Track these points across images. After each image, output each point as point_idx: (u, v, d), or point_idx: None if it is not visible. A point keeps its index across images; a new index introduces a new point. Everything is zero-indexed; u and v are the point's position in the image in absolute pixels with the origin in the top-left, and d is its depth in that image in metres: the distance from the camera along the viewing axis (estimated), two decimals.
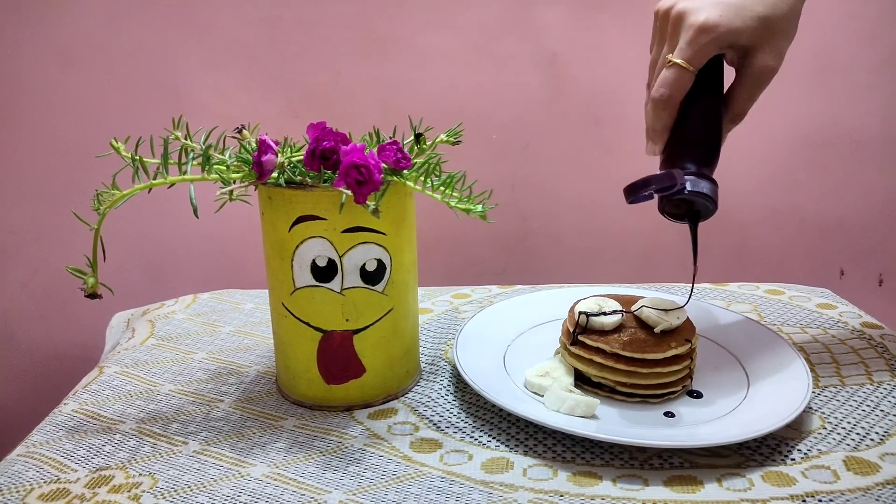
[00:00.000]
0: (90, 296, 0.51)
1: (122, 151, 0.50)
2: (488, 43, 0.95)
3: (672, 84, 0.52)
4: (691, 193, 0.50)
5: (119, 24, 0.94)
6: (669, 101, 0.53)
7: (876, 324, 0.69)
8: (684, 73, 0.52)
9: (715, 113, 0.54)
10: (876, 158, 1.02)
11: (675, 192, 0.50)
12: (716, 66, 0.54)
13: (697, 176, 0.51)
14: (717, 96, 0.54)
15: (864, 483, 0.45)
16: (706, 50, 0.51)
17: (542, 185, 1.01)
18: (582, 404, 0.51)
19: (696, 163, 0.52)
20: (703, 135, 0.54)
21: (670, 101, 0.53)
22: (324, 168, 0.48)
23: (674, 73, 0.52)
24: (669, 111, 0.53)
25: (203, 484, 0.46)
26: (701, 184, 0.51)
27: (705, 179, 0.51)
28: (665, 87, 0.52)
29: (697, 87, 0.53)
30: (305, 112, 0.97)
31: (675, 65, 0.52)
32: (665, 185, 0.49)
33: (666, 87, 0.52)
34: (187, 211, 0.47)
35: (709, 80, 0.54)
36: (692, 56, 0.51)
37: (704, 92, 0.53)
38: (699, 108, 0.54)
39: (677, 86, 0.52)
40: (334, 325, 0.53)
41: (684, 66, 0.51)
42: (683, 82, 0.52)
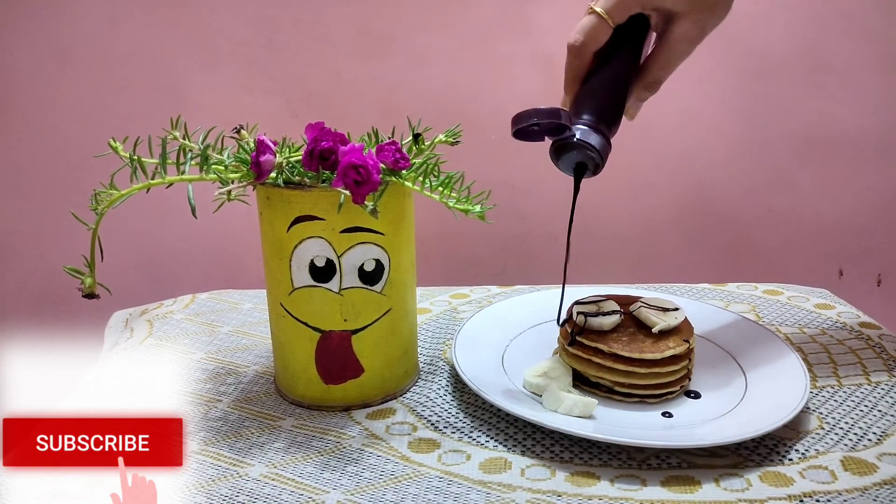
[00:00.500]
0: (87, 296, 0.51)
1: (120, 151, 0.50)
2: (487, 43, 0.95)
3: (586, 31, 0.51)
4: (579, 140, 0.50)
5: (118, 23, 0.94)
6: (582, 48, 0.52)
7: (874, 324, 0.69)
8: (601, 23, 0.51)
9: (625, 73, 0.54)
10: (874, 159, 1.02)
11: (564, 137, 0.50)
12: (638, 28, 0.53)
13: (591, 128, 0.51)
14: (632, 58, 0.54)
15: (861, 483, 0.45)
16: (626, 5, 0.51)
17: (541, 185, 1.01)
18: (580, 404, 0.51)
19: (595, 116, 0.52)
20: (607, 91, 0.53)
21: (582, 48, 0.52)
22: (322, 168, 0.48)
23: (590, 21, 0.51)
24: (580, 59, 0.53)
25: (201, 484, 0.46)
26: (591, 136, 0.50)
27: (598, 133, 0.51)
28: (580, 33, 0.52)
29: (615, 44, 0.52)
30: (304, 112, 0.97)
31: (594, 12, 0.51)
32: (550, 122, 0.49)
33: (581, 33, 0.52)
34: (186, 211, 0.47)
35: (628, 41, 0.53)
36: (612, 8, 0.51)
37: (620, 51, 0.53)
38: (611, 65, 0.53)
39: (591, 34, 0.51)
40: (332, 326, 0.53)
41: (603, 16, 0.51)
42: (598, 32, 0.51)
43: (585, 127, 0.51)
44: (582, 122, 0.51)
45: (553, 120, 0.49)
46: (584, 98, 0.53)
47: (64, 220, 0.97)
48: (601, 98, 0.53)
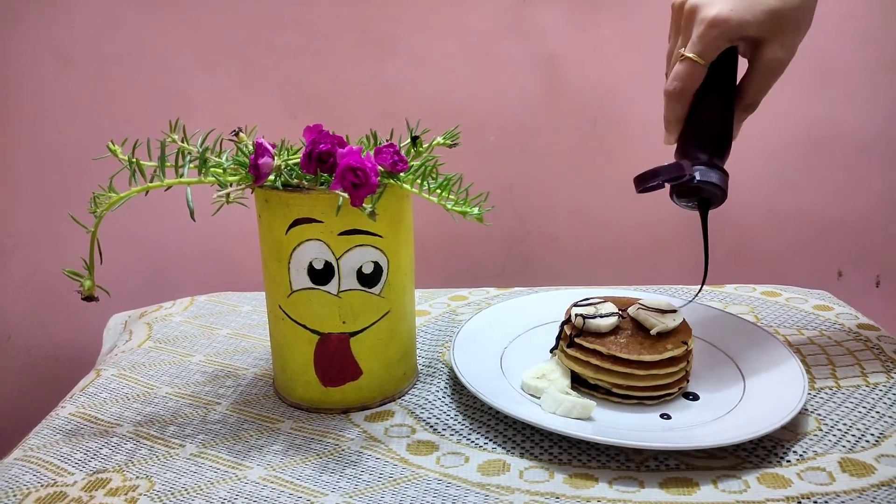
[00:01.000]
0: (87, 298, 0.51)
1: (118, 154, 0.50)
2: (486, 45, 0.96)
3: (684, 77, 0.54)
4: (700, 182, 0.52)
5: (117, 25, 0.94)
6: (682, 93, 0.54)
7: (872, 325, 0.69)
8: (696, 66, 0.53)
9: (726, 105, 0.56)
10: (874, 160, 1.02)
11: (685, 181, 0.52)
12: (729, 58, 0.55)
13: (707, 166, 0.53)
14: (729, 88, 0.56)
15: (859, 485, 0.45)
16: (716, 43, 0.53)
17: (540, 186, 1.02)
18: (578, 406, 0.51)
19: (707, 153, 0.54)
20: (714, 126, 0.55)
21: (683, 93, 0.54)
22: (320, 171, 0.48)
23: (686, 67, 0.54)
24: (682, 103, 0.55)
25: (200, 487, 0.46)
26: (710, 174, 0.53)
27: (715, 169, 0.53)
28: (678, 80, 0.54)
29: (710, 79, 0.54)
30: (303, 114, 0.98)
31: (686, 59, 0.54)
32: (674, 176, 0.51)
33: (678, 80, 0.54)
34: (185, 213, 0.47)
35: (721, 72, 0.55)
36: (703, 50, 0.53)
37: (717, 84, 0.55)
38: (711, 99, 0.55)
39: (689, 79, 0.54)
40: (331, 328, 0.53)
41: (696, 59, 0.53)
42: (695, 76, 0.54)
43: (704, 168, 0.53)
44: (699, 164, 0.53)
45: (678, 174, 0.51)
46: (691, 138, 0.56)
47: (63, 222, 0.97)
48: (710, 134, 0.55)
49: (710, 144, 0.55)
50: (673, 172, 0.51)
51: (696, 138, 0.55)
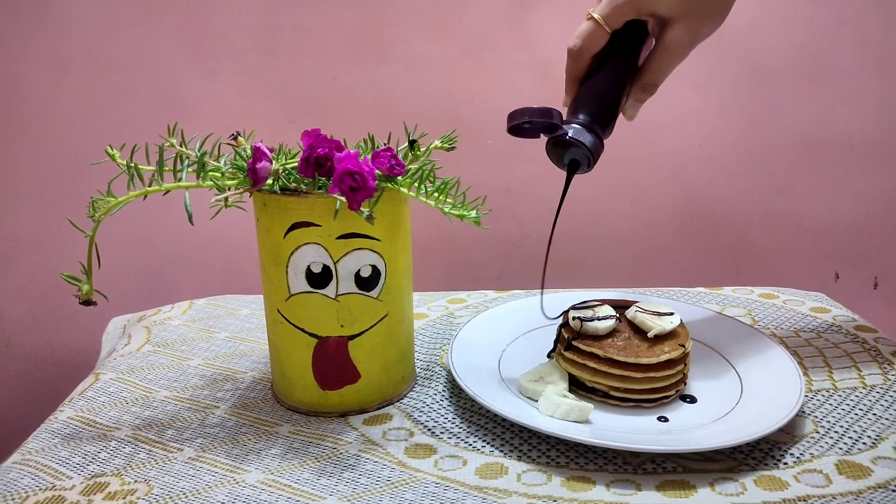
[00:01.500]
0: (84, 302, 0.51)
1: (117, 159, 0.50)
2: (483, 49, 0.96)
3: (584, 37, 0.54)
4: (570, 139, 0.53)
5: (116, 30, 0.94)
6: (580, 53, 0.55)
7: (869, 327, 0.70)
8: (598, 29, 0.54)
9: (620, 76, 0.56)
10: (870, 162, 1.02)
11: (558, 134, 0.52)
12: (636, 32, 0.55)
13: (585, 127, 0.53)
14: (629, 62, 0.56)
15: (855, 487, 0.45)
16: (621, 11, 0.53)
17: (538, 189, 1.02)
18: (576, 409, 0.52)
19: (588, 115, 0.54)
20: (603, 93, 0.56)
21: (580, 53, 0.55)
22: (318, 175, 0.48)
23: (588, 27, 0.54)
24: (578, 62, 0.55)
25: (198, 490, 0.46)
26: (585, 135, 0.53)
27: (591, 133, 0.53)
28: (578, 37, 0.54)
29: (612, 49, 0.55)
30: (302, 117, 0.98)
31: (591, 18, 0.54)
32: (543, 120, 0.51)
33: (579, 38, 0.54)
34: (183, 217, 0.48)
35: (625, 44, 0.55)
36: (609, 14, 0.53)
37: (617, 55, 0.56)
38: (608, 68, 0.56)
39: (588, 39, 0.54)
40: (329, 331, 0.53)
41: (600, 22, 0.53)
42: (595, 38, 0.54)
43: (579, 126, 0.53)
44: (577, 122, 0.54)
45: (545, 119, 0.52)
46: (580, 99, 0.56)
47: (62, 226, 0.97)
48: (596, 99, 0.55)
49: (594, 109, 0.55)
50: (541, 116, 0.51)
51: (584, 100, 0.56)
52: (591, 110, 0.55)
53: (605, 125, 0.55)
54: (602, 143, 0.54)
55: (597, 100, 0.55)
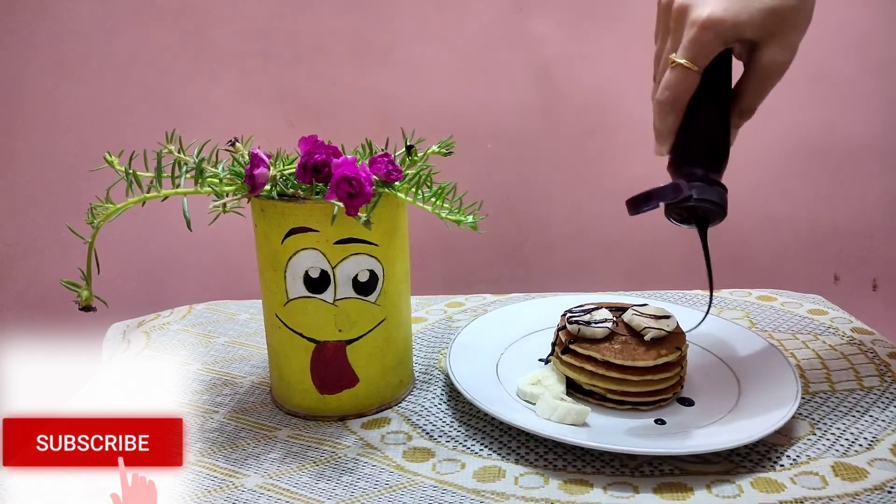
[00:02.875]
0: (84, 308, 0.51)
1: (115, 165, 0.50)
2: (481, 54, 0.96)
3: (676, 86, 0.50)
4: (698, 201, 0.49)
5: (115, 36, 0.94)
6: (674, 103, 0.50)
7: (867, 329, 0.70)
8: (688, 73, 0.49)
9: (722, 113, 0.52)
10: (869, 165, 1.02)
11: (681, 200, 0.49)
12: (723, 62, 0.51)
13: (704, 181, 0.49)
14: (724, 94, 0.52)
15: (852, 489, 0.45)
16: (711, 47, 0.48)
17: (537, 194, 1.02)
18: (573, 412, 0.52)
19: (703, 167, 0.50)
20: (710, 137, 0.51)
21: (675, 103, 0.50)
22: (316, 181, 0.49)
23: (677, 75, 0.49)
24: (675, 113, 0.51)
25: (197, 495, 0.47)
26: (708, 190, 0.49)
27: (713, 184, 0.50)
28: (669, 89, 0.50)
29: (704, 86, 0.50)
30: (300, 122, 0.98)
31: (678, 65, 0.49)
32: (672, 197, 0.48)
33: (670, 89, 0.50)
34: (181, 223, 0.48)
35: (716, 78, 0.51)
36: (696, 55, 0.48)
37: (711, 90, 0.51)
38: (706, 108, 0.51)
39: (682, 87, 0.50)
40: (327, 336, 0.54)
41: (688, 66, 0.49)
42: (688, 83, 0.49)
43: (700, 183, 0.49)
44: (696, 179, 0.49)
45: (676, 195, 0.48)
46: (687, 150, 0.52)
47: (61, 232, 0.97)
48: (705, 146, 0.51)
49: (707, 158, 0.51)
50: (669, 195, 0.48)
51: (691, 151, 0.51)
52: (705, 160, 0.50)
53: (721, 169, 0.51)
54: (725, 188, 0.50)
55: (706, 146, 0.51)
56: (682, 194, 0.48)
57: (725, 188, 0.50)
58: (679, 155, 0.52)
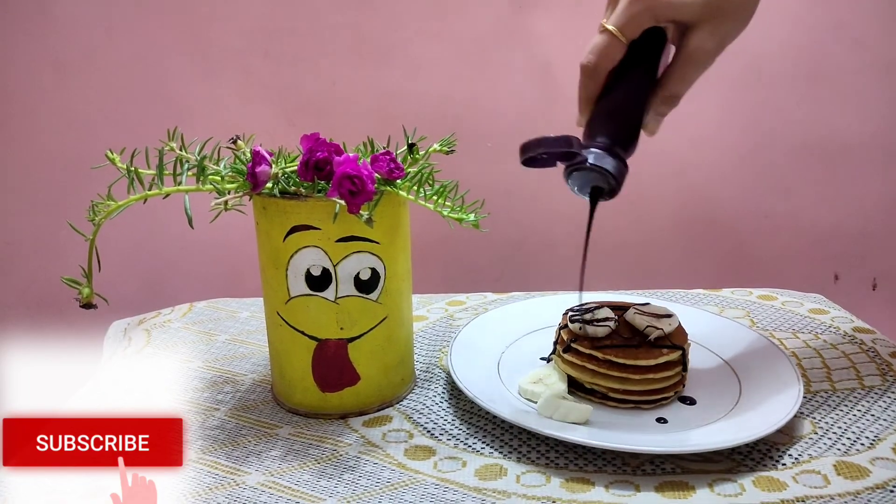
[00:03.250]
0: (85, 306, 0.51)
1: (117, 163, 0.50)
2: (483, 51, 0.96)
3: (599, 51, 0.49)
4: (591, 165, 0.48)
5: (114, 34, 0.94)
6: (595, 69, 0.50)
7: (868, 328, 0.70)
8: (614, 41, 0.49)
9: (641, 91, 0.51)
10: (869, 164, 1.02)
11: (577, 162, 0.48)
12: (655, 41, 0.51)
13: (606, 150, 0.49)
14: (648, 73, 0.51)
15: (854, 487, 0.45)
16: (640, 20, 0.48)
17: (538, 192, 1.02)
18: (575, 411, 0.52)
19: (608, 137, 0.49)
20: (622, 110, 0.51)
21: (596, 69, 0.50)
22: (317, 178, 0.48)
23: (603, 40, 0.49)
24: (594, 80, 0.50)
25: (198, 492, 0.47)
26: (606, 159, 0.48)
27: (613, 156, 0.49)
28: (592, 53, 0.49)
29: (630, 60, 0.50)
30: (301, 121, 0.98)
31: (606, 31, 0.49)
32: (560, 149, 0.47)
33: (593, 54, 0.49)
34: (183, 221, 0.48)
35: (643, 55, 0.51)
36: (625, 24, 0.48)
37: (635, 67, 0.50)
38: (626, 82, 0.51)
39: (604, 54, 0.49)
40: (329, 334, 0.54)
41: (615, 33, 0.48)
42: (611, 51, 0.49)
43: (599, 150, 0.48)
44: (596, 145, 0.49)
45: (563, 147, 0.47)
46: (598, 119, 0.51)
47: (61, 230, 0.97)
48: (616, 118, 0.51)
49: (615, 129, 0.50)
50: (558, 145, 0.47)
51: (602, 120, 0.51)
52: (611, 131, 0.50)
53: (626, 145, 0.50)
54: (626, 164, 0.49)
55: (616, 119, 0.51)
56: (570, 146, 0.47)
57: (626, 165, 0.49)
58: (591, 123, 0.52)
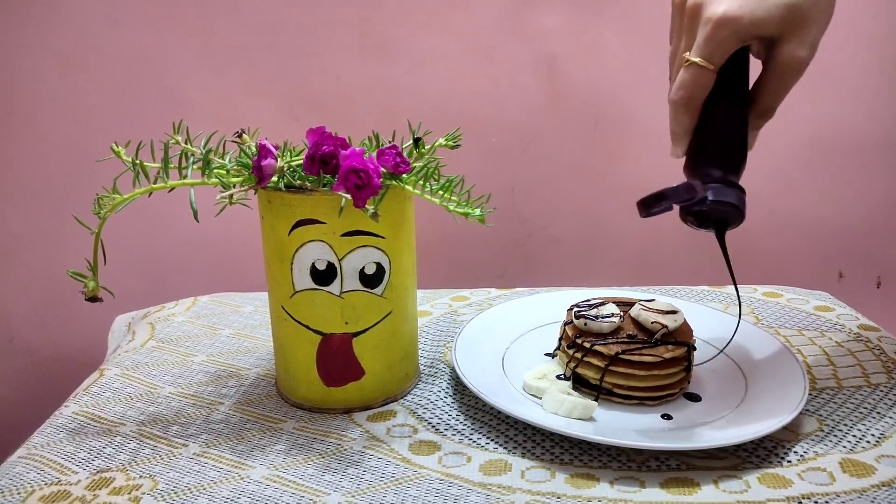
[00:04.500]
0: (90, 299, 0.51)
1: (122, 156, 0.50)
2: (487, 46, 0.96)
3: (691, 85, 0.48)
4: (714, 202, 0.47)
5: (119, 27, 0.94)
6: (689, 103, 0.49)
7: (873, 326, 0.69)
8: (703, 72, 0.48)
9: (740, 113, 0.50)
10: (875, 161, 1.02)
11: (696, 202, 0.47)
12: (740, 60, 0.50)
13: (721, 182, 0.48)
14: (742, 94, 0.50)
15: (859, 485, 0.45)
16: (727, 45, 0.47)
17: (542, 188, 1.02)
18: (580, 406, 0.52)
19: (720, 168, 0.49)
20: (727, 138, 0.50)
21: (690, 103, 0.49)
22: (323, 172, 0.48)
23: (692, 74, 0.48)
24: (690, 114, 0.49)
25: (203, 486, 0.47)
26: (725, 192, 0.48)
27: (730, 186, 0.48)
28: (684, 89, 0.49)
29: (720, 85, 0.49)
30: (305, 116, 0.98)
31: (693, 64, 0.48)
32: (686, 200, 0.46)
33: (685, 88, 0.49)
34: (187, 214, 0.48)
35: (732, 77, 0.49)
36: (712, 53, 0.47)
37: (728, 90, 0.49)
38: (722, 108, 0.50)
39: (697, 87, 0.48)
40: (334, 328, 0.54)
41: (703, 65, 0.47)
42: (703, 83, 0.48)
43: (717, 185, 0.48)
44: (713, 181, 0.48)
45: (689, 197, 0.46)
46: (702, 151, 0.50)
47: (65, 224, 0.98)
48: (722, 147, 0.50)
49: (724, 159, 0.49)
50: (684, 195, 0.46)
51: (708, 152, 0.50)
52: (722, 161, 0.49)
53: (739, 170, 0.49)
54: (743, 190, 0.49)
55: (724, 147, 0.49)
56: (696, 195, 0.46)
57: (743, 190, 0.49)
58: (695, 156, 0.51)
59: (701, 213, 0.49)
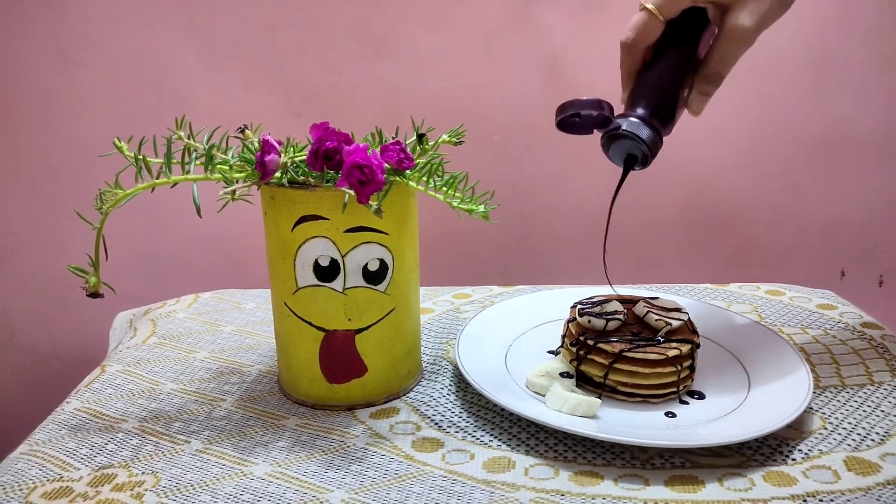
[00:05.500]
0: (92, 295, 0.51)
1: (125, 151, 0.50)
2: (489, 43, 0.96)
3: (638, 28, 0.52)
4: (625, 132, 0.50)
5: (120, 24, 0.94)
6: (633, 45, 0.52)
7: (877, 324, 0.69)
8: (652, 19, 0.51)
9: (678, 67, 0.53)
10: (877, 160, 1.02)
11: (611, 129, 0.50)
12: (694, 21, 0.53)
13: (642, 120, 0.51)
14: (687, 52, 0.53)
15: (864, 483, 0.45)
16: (679, 1, 0.50)
17: (544, 185, 1.02)
18: (583, 404, 0.51)
19: (645, 108, 0.52)
20: (659, 85, 0.53)
21: (634, 45, 0.52)
22: (327, 168, 0.48)
23: (641, 18, 0.52)
24: (632, 56, 0.53)
25: (205, 482, 0.46)
26: (641, 128, 0.50)
27: (649, 127, 0.51)
28: (631, 30, 0.52)
29: (669, 39, 0.52)
30: (307, 112, 0.98)
31: (644, 9, 0.51)
32: (592, 111, 0.49)
33: (632, 30, 0.52)
34: (190, 210, 0.47)
35: (682, 34, 0.53)
36: (664, 4, 0.51)
37: (675, 45, 0.53)
38: (664, 59, 0.53)
39: (642, 31, 0.52)
40: (336, 325, 0.53)
41: (654, 13, 0.51)
42: (650, 29, 0.52)
43: (636, 119, 0.51)
44: (633, 115, 0.51)
45: (594, 110, 0.49)
46: (636, 93, 0.54)
47: (67, 219, 0.97)
48: (652, 92, 0.53)
49: (651, 102, 0.52)
50: (590, 107, 0.49)
51: (640, 93, 0.53)
52: (648, 103, 0.52)
53: (663, 119, 0.52)
54: (661, 137, 0.52)
55: (653, 92, 0.53)
56: (601, 110, 0.49)
57: (661, 138, 0.52)
58: (630, 96, 0.54)
59: (617, 145, 0.52)
